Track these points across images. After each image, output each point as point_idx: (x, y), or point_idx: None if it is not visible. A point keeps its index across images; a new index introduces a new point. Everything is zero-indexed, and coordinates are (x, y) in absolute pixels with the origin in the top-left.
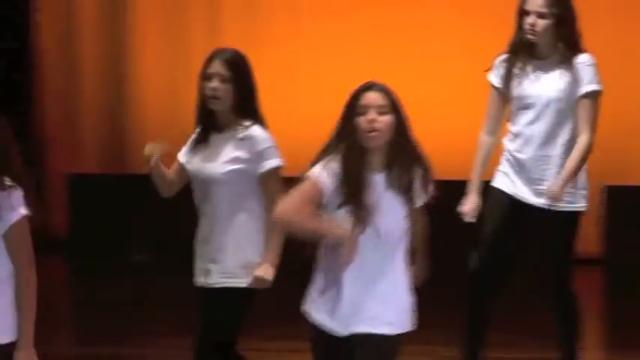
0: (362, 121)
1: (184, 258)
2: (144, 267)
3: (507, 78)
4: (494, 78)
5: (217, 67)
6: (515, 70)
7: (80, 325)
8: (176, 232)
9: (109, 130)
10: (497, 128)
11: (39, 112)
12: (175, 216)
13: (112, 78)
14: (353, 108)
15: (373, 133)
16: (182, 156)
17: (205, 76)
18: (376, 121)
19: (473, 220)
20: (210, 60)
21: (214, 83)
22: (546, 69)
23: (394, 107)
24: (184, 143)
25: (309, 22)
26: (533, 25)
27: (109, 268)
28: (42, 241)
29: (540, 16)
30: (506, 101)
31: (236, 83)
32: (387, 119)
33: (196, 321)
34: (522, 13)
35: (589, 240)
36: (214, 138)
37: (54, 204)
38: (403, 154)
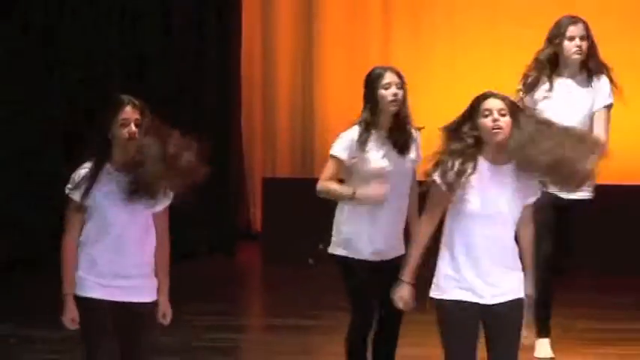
0: (487, 121)
1: None
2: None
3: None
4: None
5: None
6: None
7: (268, 300)
8: None
9: (299, 138)
10: None
11: (242, 121)
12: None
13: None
14: (476, 110)
15: (497, 130)
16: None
17: (384, 86)
18: (499, 120)
19: None
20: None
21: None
22: (575, 85)
23: (512, 111)
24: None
25: (467, 29)
26: (580, 47)
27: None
28: (244, 233)
29: (582, 39)
30: None
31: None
32: (507, 120)
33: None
34: (564, 37)
35: None
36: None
37: (253, 203)
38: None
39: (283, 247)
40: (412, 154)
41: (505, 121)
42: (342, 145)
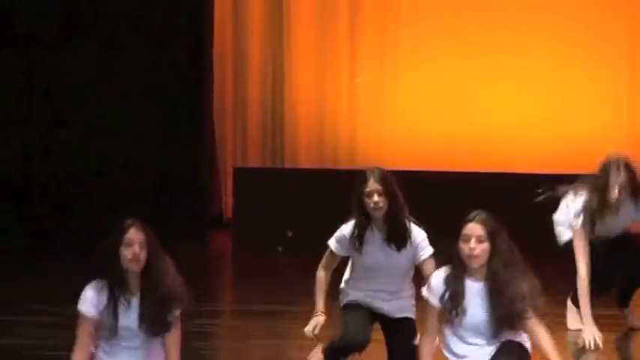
0: (464, 248)
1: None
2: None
3: None
4: None
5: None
6: None
7: (239, 286)
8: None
9: (270, 129)
10: None
11: (214, 112)
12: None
13: (272, 87)
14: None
15: (473, 258)
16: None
17: (366, 194)
18: (475, 249)
19: None
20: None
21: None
22: None
23: (491, 236)
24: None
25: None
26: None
27: (265, 243)
28: (217, 222)
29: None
30: None
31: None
32: (484, 247)
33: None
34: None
35: None
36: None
37: (225, 192)
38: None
39: (254, 235)
40: (409, 250)
41: (482, 248)
42: (336, 238)
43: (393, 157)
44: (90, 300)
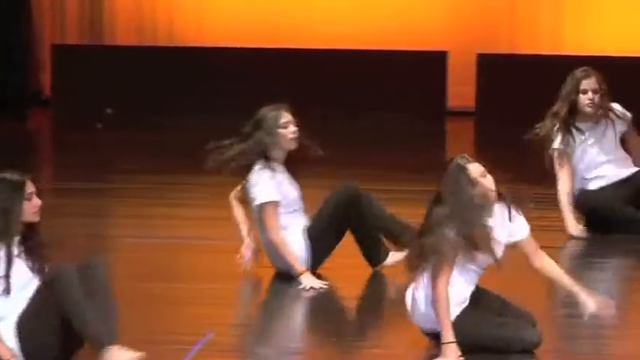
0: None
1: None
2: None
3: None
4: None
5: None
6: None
7: (59, 164)
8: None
9: (88, 6)
10: None
11: None
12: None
13: None
14: None
15: None
16: None
17: (282, 126)
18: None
19: None
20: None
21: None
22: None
23: None
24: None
25: None
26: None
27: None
28: (36, 99)
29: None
30: None
31: None
32: None
33: None
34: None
35: (467, 96)
36: None
37: (43, 69)
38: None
39: (73, 112)
40: None
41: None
42: (267, 188)
43: (212, 35)
44: None
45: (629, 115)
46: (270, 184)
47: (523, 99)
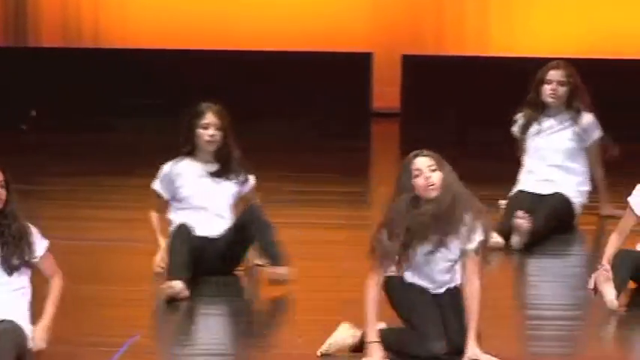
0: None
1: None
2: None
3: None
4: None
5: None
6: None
7: None
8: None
9: (12, 8)
10: None
11: None
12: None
13: None
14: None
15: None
16: None
17: (202, 126)
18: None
19: None
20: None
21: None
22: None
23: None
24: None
25: None
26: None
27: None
28: None
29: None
30: None
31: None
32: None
33: None
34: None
35: (392, 97)
36: None
37: None
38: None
39: None
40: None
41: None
42: (158, 179)
43: (136, 37)
44: None
45: (597, 132)
46: (161, 176)
47: (449, 100)
